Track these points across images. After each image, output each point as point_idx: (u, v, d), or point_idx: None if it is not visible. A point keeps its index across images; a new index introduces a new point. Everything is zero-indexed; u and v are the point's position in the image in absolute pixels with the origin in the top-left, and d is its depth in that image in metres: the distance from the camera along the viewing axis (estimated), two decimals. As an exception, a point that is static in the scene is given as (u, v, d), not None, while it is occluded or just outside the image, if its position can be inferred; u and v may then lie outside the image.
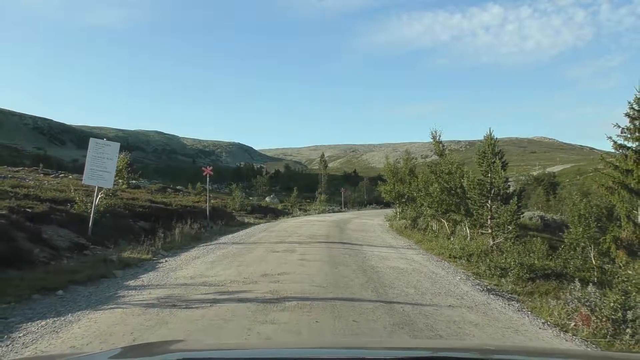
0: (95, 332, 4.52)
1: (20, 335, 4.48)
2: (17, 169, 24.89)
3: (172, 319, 4.99)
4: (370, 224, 24.38)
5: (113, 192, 13.87)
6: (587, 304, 5.38)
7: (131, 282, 7.32)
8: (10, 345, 4.17)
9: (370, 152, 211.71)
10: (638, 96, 9.99)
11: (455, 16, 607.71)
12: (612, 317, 4.98)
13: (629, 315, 4.91)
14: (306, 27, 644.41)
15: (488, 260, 9.88)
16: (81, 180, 23.91)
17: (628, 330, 4.84)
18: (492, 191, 13.15)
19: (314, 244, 13.12)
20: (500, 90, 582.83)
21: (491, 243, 13.25)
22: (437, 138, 19.17)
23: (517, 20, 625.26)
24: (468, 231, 16.00)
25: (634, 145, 9.90)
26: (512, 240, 12.70)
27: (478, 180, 13.14)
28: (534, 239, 12.20)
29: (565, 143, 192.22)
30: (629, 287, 5.54)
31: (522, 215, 14.95)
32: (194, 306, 5.57)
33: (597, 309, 5.20)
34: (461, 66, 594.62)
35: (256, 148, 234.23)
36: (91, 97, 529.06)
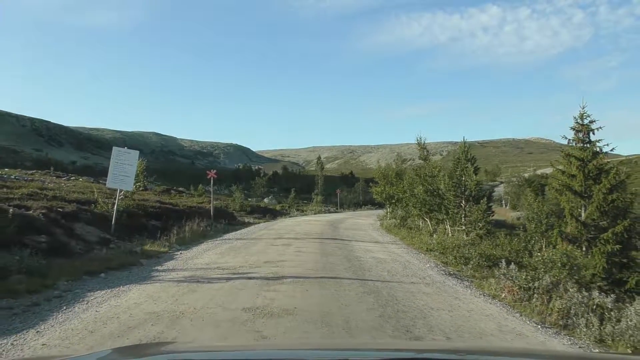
0: (146, 296, 6.25)
1: (92, 299, 6.20)
2: (31, 172, 26.55)
3: (199, 289, 6.72)
4: (362, 223, 26.11)
5: (132, 194, 15.53)
6: (510, 278, 7.15)
7: (158, 267, 9.04)
8: (89, 303, 5.89)
9: (368, 153, 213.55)
10: (582, 112, 11.84)
11: (454, 17, 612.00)
12: (525, 286, 6.74)
13: (536, 284, 6.67)
14: (304, 28, 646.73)
15: (455, 251, 11.63)
16: (92, 182, 25.65)
17: (535, 295, 6.60)
18: (466, 192, 14.92)
19: (309, 240, 14.85)
20: (498, 91, 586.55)
21: (465, 238, 15.02)
22: (422, 144, 20.99)
23: (516, 21, 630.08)
24: (449, 228, 17.77)
25: (577, 154, 11.70)
26: (482, 236, 14.46)
27: (453, 182, 14.90)
28: (501, 234, 13.94)
29: (562, 144, 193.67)
30: (539, 266, 7.29)
31: (492, 214, 16.72)
32: (213, 282, 7.30)
33: (516, 281, 6.96)
34: (460, 67, 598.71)
35: (254, 149, 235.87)
36: (89, 98, 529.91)
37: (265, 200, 47.79)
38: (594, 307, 5.93)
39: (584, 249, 11.50)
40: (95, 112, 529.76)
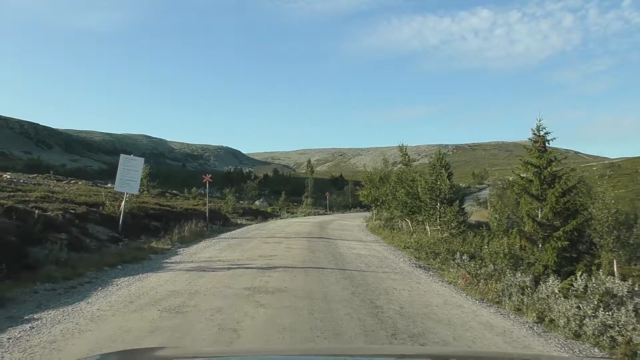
0: (164, 280, 7.66)
1: (119, 283, 7.59)
2: (32, 175, 27.65)
3: (206, 276, 8.15)
4: (349, 224, 27.60)
5: (136, 197, 16.86)
6: (463, 267, 8.67)
7: (167, 261, 10.43)
8: (119, 285, 7.29)
9: (359, 155, 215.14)
10: (538, 125, 13.49)
11: (445, 20, 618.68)
12: (473, 273, 8.27)
13: (482, 271, 8.20)
14: (295, 30, 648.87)
15: (427, 248, 13.17)
16: (91, 185, 26.85)
17: (481, 280, 8.13)
18: (440, 196, 16.50)
19: (298, 239, 16.30)
20: (489, 94, 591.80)
21: (439, 237, 16.58)
22: (404, 150, 22.59)
23: (506, 25, 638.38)
24: (428, 228, 19.33)
25: (534, 162, 13.34)
26: (456, 235, 16.03)
27: (428, 186, 16.48)
28: (470, 233, 15.53)
29: (551, 147, 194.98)
30: (486, 256, 8.84)
31: (467, 215, 18.32)
32: (217, 270, 8.74)
33: (467, 269, 8.49)
34: (451, 70, 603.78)
35: (244, 152, 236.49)
36: (78, 100, 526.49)
37: (257, 202, 49.13)
38: (525, 287, 7.46)
39: (540, 245, 13.10)
40: (84, 114, 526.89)
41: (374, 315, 5.70)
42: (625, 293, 6.10)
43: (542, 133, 13.36)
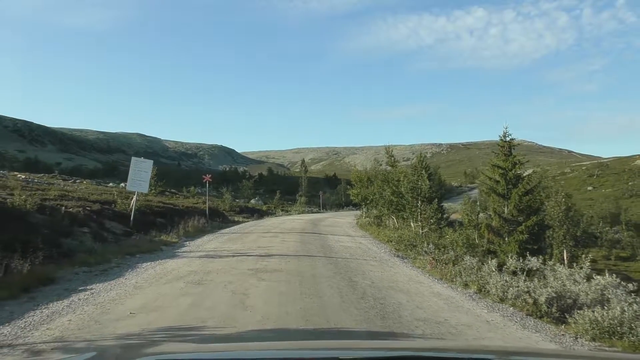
0: (181, 264, 9.30)
1: (144, 266, 9.21)
2: (39, 175, 29.10)
3: (215, 261, 9.79)
4: (340, 222, 29.28)
5: (145, 195, 18.45)
6: (430, 254, 10.38)
7: (178, 251, 12.06)
8: (145, 268, 8.91)
9: (353, 154, 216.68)
10: (504, 132, 15.25)
11: (440, 19, 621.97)
12: (437, 259, 9.98)
13: (444, 257, 9.92)
14: (290, 29, 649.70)
15: (406, 241, 14.87)
16: (95, 184, 28.34)
17: (443, 264, 9.84)
18: (421, 194, 18.21)
19: (292, 234, 17.96)
20: (483, 93, 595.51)
21: (421, 232, 18.31)
22: (390, 151, 24.30)
23: (501, 24, 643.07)
24: (413, 225, 21.05)
25: (501, 164, 15.11)
26: (435, 230, 17.78)
27: (411, 186, 18.20)
28: (447, 228, 17.29)
29: (544, 146, 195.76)
30: (448, 245, 10.55)
31: (445, 212, 20.05)
32: (223, 257, 10.38)
33: (432, 256, 10.19)
34: (446, 69, 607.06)
35: (239, 150, 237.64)
36: (72, 99, 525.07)
37: (252, 201, 50.73)
38: (473, 268, 9.17)
39: (506, 239, 14.86)
40: (78, 112, 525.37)
41: (349, 286, 7.38)
42: (547, 270, 7.82)
43: (508, 139, 15.11)
